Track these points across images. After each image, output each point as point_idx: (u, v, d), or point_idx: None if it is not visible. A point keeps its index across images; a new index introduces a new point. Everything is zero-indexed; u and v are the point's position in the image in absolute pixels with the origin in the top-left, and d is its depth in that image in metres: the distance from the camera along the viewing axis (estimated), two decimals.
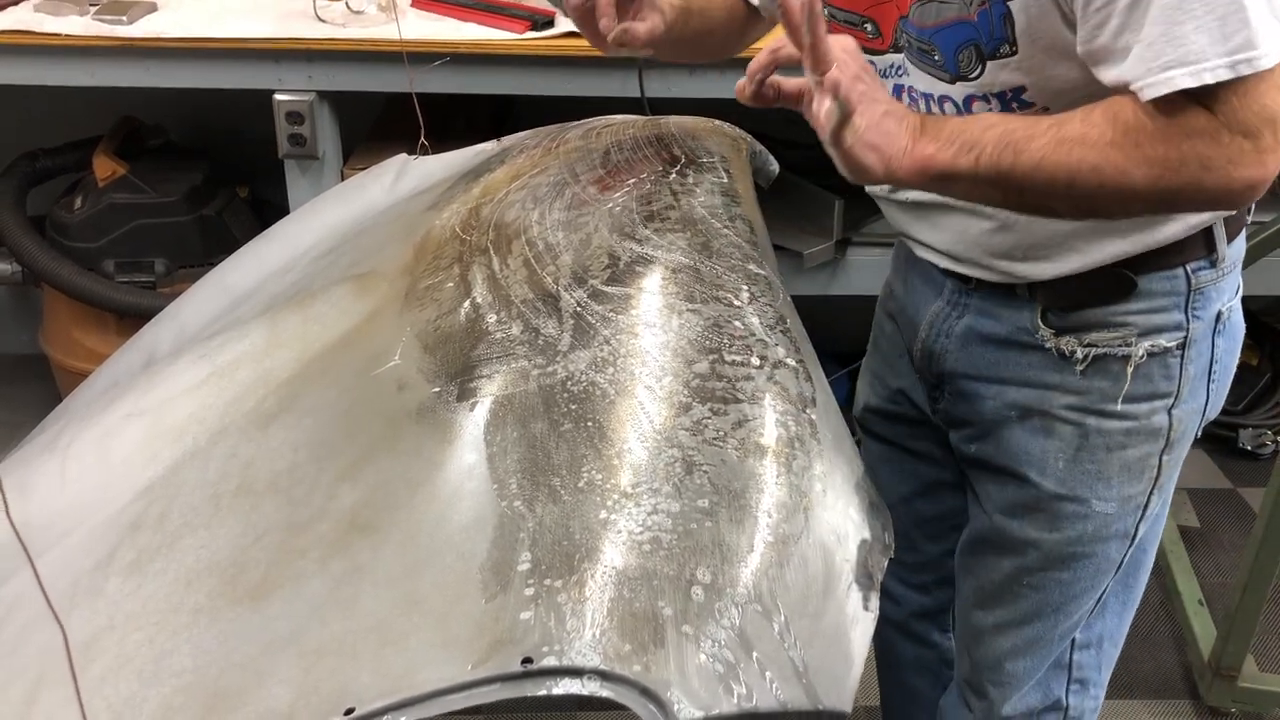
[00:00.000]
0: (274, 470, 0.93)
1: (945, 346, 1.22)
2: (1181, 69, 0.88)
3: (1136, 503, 1.18)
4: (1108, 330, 1.11)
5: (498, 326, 0.96)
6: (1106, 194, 0.94)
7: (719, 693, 0.69)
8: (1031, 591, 1.24)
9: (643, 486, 0.78)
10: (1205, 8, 0.87)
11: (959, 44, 1.02)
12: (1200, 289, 1.11)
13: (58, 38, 1.96)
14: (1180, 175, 0.91)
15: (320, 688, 0.72)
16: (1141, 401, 1.13)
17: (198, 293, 1.65)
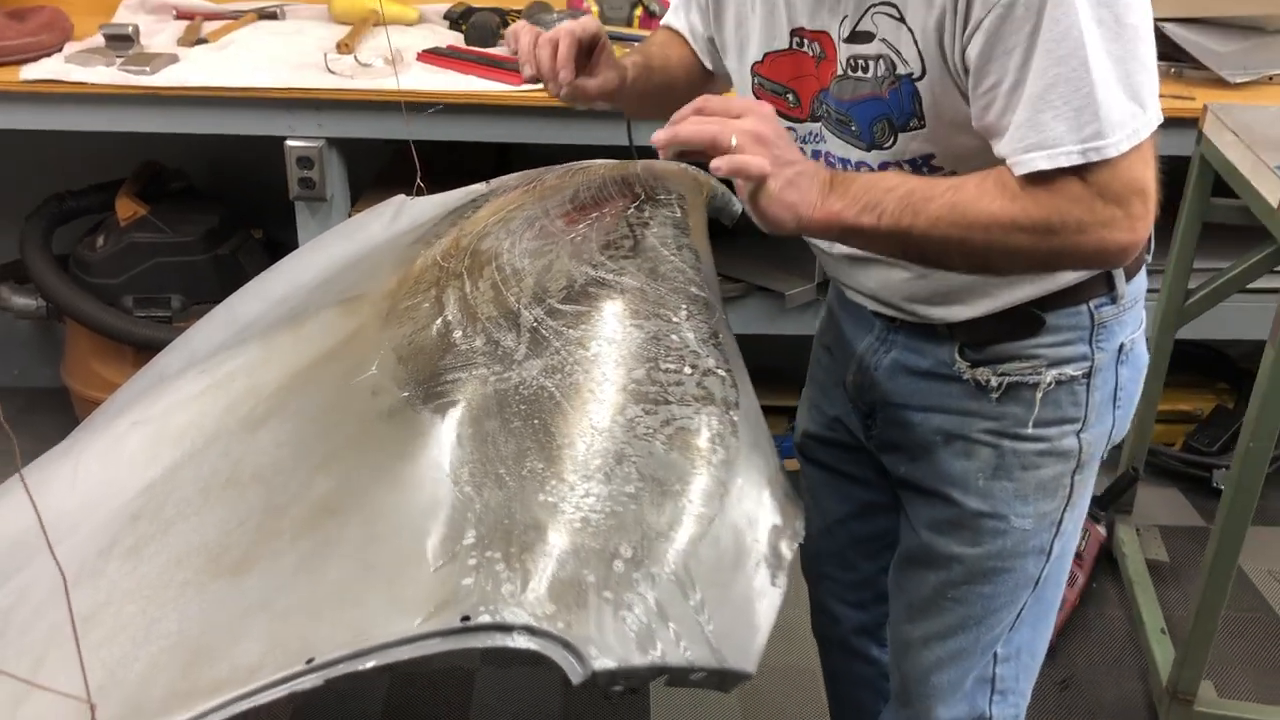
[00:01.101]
0: (259, 465, 1.04)
1: (875, 378, 1.31)
2: (1040, 152, 0.99)
3: (1051, 519, 1.26)
4: (1019, 361, 1.20)
5: (464, 340, 1.07)
6: (994, 253, 1.04)
7: (633, 649, 0.79)
8: (955, 605, 1.31)
9: (577, 474, 0.89)
10: (1063, 100, 0.97)
11: (873, 118, 1.11)
12: (1103, 323, 1.19)
13: (86, 86, 2.11)
14: (1059, 238, 1.02)
15: (287, 644, 0.82)
16: (1052, 425, 1.21)
17: (207, 323, 1.77)
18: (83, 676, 0.82)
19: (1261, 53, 2.34)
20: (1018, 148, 1.01)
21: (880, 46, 1.07)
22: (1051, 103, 0.98)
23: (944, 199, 1.03)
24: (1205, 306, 2.23)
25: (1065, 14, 0.96)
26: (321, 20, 2.57)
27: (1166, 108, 1.04)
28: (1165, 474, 2.72)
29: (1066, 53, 0.97)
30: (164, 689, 0.84)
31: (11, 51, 2.15)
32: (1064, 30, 0.96)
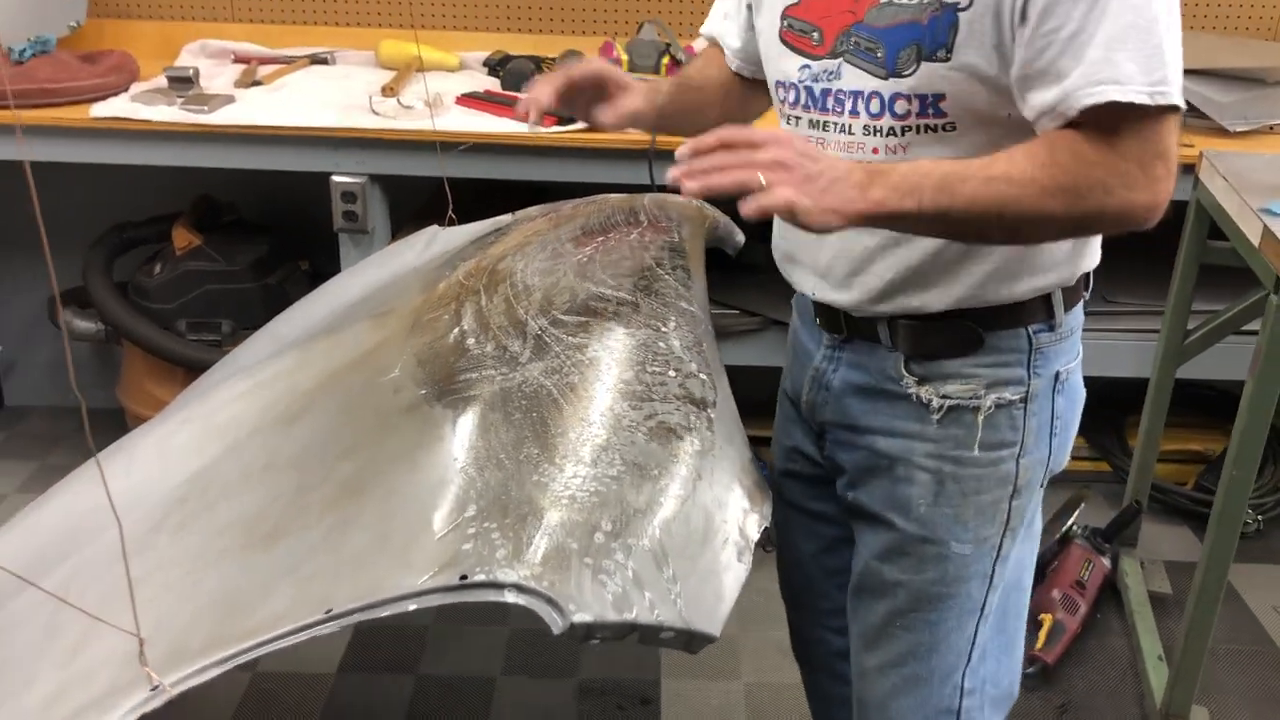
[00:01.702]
0: (293, 453, 1.17)
1: (825, 398, 1.34)
2: (1114, 85, 1.03)
3: (991, 544, 1.29)
4: (960, 382, 1.23)
5: (476, 346, 1.19)
6: (1029, 221, 1.09)
7: (608, 608, 0.90)
8: (904, 632, 1.33)
9: (567, 459, 1.01)
10: (1136, 46, 1.03)
11: (904, 43, 1.13)
12: (1040, 349, 1.24)
13: (150, 124, 2.28)
14: (1087, 201, 1.06)
15: (309, 598, 0.95)
16: (991, 449, 1.25)
17: (253, 341, 1.91)
18: (133, 615, 0.94)
19: (1262, 103, 2.43)
20: (1090, 80, 1.04)
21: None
22: (1126, 44, 1.03)
23: (978, 176, 1.08)
24: (1203, 346, 2.31)
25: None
26: (369, 66, 2.74)
27: None
28: (1177, 512, 2.78)
29: (1140, 4, 1.03)
30: (204, 636, 0.97)
31: (84, 91, 2.33)
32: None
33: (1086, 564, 2.43)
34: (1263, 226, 1.80)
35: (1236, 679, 2.29)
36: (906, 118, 1.16)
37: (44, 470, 2.90)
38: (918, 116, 1.16)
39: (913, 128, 1.17)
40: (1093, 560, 2.44)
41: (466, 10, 2.82)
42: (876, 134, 1.18)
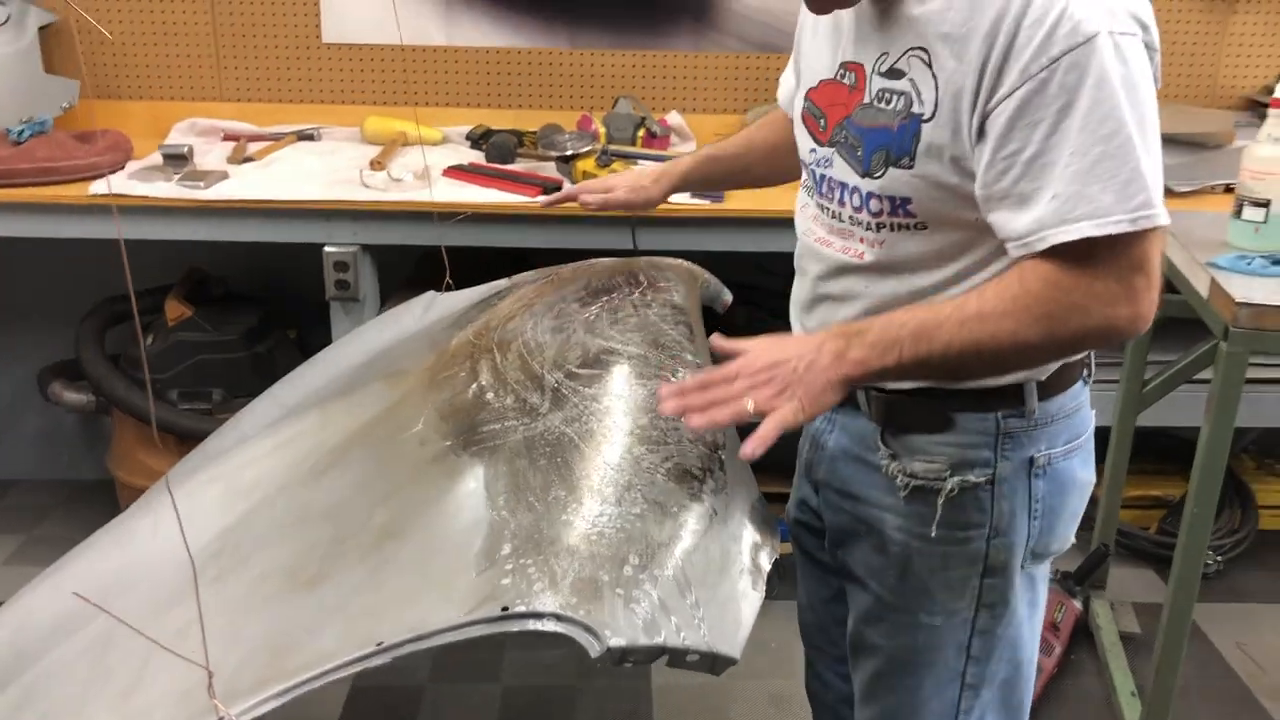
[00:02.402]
0: (326, 504, 1.24)
1: (820, 458, 1.39)
2: (1088, 221, 1.06)
3: (963, 618, 1.30)
4: (925, 460, 1.26)
5: (496, 400, 1.28)
6: (1009, 354, 1.13)
7: (640, 632, 0.98)
8: (887, 693, 1.37)
9: (593, 499, 1.09)
10: (1110, 174, 1.06)
11: (876, 146, 1.19)
12: (1009, 433, 1.25)
13: (149, 200, 2.35)
14: (1068, 325, 1.09)
15: (357, 635, 1.01)
16: (956, 529, 1.27)
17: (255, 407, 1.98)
18: (203, 646, 1.00)
19: (1204, 166, 2.59)
20: (1063, 217, 1.07)
21: (906, 85, 1.16)
22: (1099, 176, 1.06)
23: (952, 320, 1.12)
24: (1160, 394, 2.44)
25: (1108, 97, 1.06)
26: (354, 141, 2.84)
27: None
28: (1141, 555, 2.89)
29: (1110, 131, 1.06)
30: (254, 676, 1.03)
31: (82, 170, 2.41)
32: (1107, 111, 1.06)
33: (1059, 607, 2.52)
34: (1210, 279, 1.92)
35: (1207, 712, 2.38)
36: (880, 215, 1.22)
37: (31, 542, 2.92)
38: (889, 215, 1.22)
39: (887, 225, 1.22)
40: (1065, 603, 2.53)
41: (449, 87, 2.94)
42: (859, 225, 1.24)
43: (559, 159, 2.53)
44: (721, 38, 2.91)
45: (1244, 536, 2.92)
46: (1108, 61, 1.06)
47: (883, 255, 1.24)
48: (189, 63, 2.90)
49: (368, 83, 2.93)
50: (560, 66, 2.93)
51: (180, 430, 2.67)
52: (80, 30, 2.85)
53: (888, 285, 1.25)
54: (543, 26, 2.90)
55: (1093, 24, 1.06)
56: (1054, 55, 1.06)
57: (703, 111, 2.95)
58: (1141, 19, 1.11)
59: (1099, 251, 1.07)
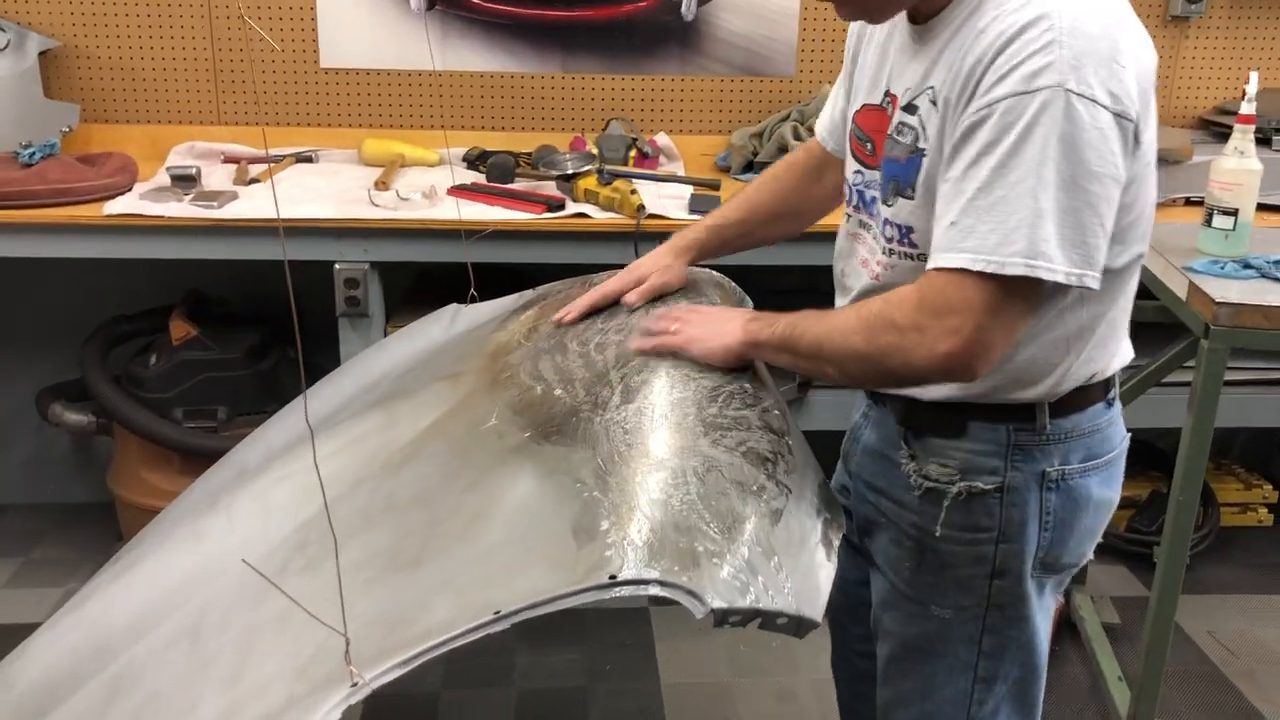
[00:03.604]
0: (413, 493, 1.31)
1: (854, 450, 1.50)
2: (967, 255, 1.13)
3: (974, 613, 1.37)
4: (939, 463, 1.34)
5: (567, 395, 1.36)
6: (841, 355, 1.24)
7: (737, 595, 1.07)
8: (902, 677, 1.46)
9: (679, 479, 1.18)
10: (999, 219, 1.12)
11: (890, 177, 1.29)
12: (1020, 446, 1.31)
13: (165, 220, 2.41)
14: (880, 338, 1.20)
15: (471, 605, 1.09)
16: (964, 531, 1.34)
17: (280, 420, 2.04)
18: (341, 609, 1.06)
19: (1166, 180, 2.75)
20: (954, 245, 1.15)
21: (916, 121, 1.24)
22: (993, 217, 1.12)
23: (822, 316, 1.28)
24: (1134, 395, 2.58)
25: (1031, 145, 1.10)
26: (352, 163, 2.91)
27: None
28: (1113, 553, 3.03)
29: (1018, 178, 1.11)
30: (374, 648, 1.10)
31: (95, 191, 2.45)
32: (1025, 158, 1.11)
33: None
34: (1188, 282, 2.07)
35: (1185, 696, 2.52)
36: (891, 241, 1.32)
37: (28, 566, 2.92)
38: (897, 243, 1.31)
39: (896, 252, 1.32)
40: None
41: (445, 110, 3.02)
42: (880, 250, 1.34)
43: (560, 178, 2.63)
44: (707, 62, 3.03)
45: (1208, 533, 3.08)
46: (1049, 115, 1.10)
47: (888, 278, 1.33)
48: (187, 87, 2.95)
49: (364, 106, 3.01)
50: (553, 90, 3.03)
51: (186, 448, 2.71)
52: (79, 55, 2.90)
53: None
54: (536, 52, 3.00)
55: (1050, 78, 1.11)
56: (999, 96, 1.13)
57: (690, 133, 3.06)
58: (1124, 93, 1.13)
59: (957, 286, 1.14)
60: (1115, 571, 2.98)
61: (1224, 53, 3.12)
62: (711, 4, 2.99)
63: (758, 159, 2.90)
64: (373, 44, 2.96)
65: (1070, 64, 1.11)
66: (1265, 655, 2.68)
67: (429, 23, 2.95)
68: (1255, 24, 3.11)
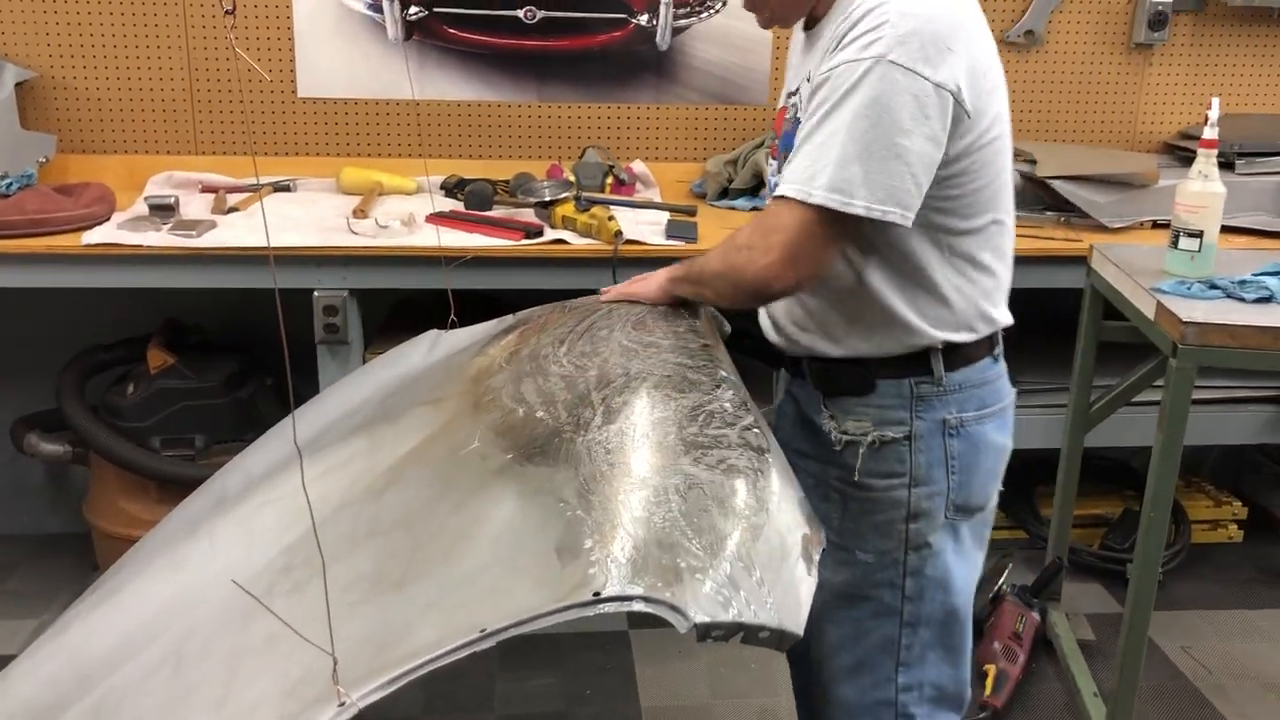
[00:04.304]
0: (396, 517, 1.32)
1: (781, 425, 1.67)
2: (789, 185, 1.39)
3: (893, 557, 1.55)
4: (855, 419, 1.54)
5: (549, 417, 1.38)
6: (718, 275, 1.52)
7: (719, 610, 1.08)
8: (833, 625, 1.60)
9: (661, 496, 1.20)
10: (812, 157, 1.38)
11: (783, 149, 1.52)
12: (922, 397, 1.52)
13: (143, 249, 2.41)
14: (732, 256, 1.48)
15: (458, 626, 1.10)
16: (879, 478, 1.54)
17: (261, 446, 2.04)
18: (329, 629, 1.07)
19: (1133, 203, 2.82)
20: (787, 179, 1.41)
21: (797, 98, 1.51)
22: (807, 156, 1.39)
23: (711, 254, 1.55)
24: (1105, 415, 2.63)
25: (849, 106, 1.36)
26: (330, 192, 2.92)
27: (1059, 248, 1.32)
28: (1087, 570, 3.07)
29: (832, 130, 1.37)
30: (362, 669, 1.10)
31: (73, 221, 2.46)
32: (839, 115, 1.37)
33: (1020, 618, 2.67)
34: (1156, 302, 2.11)
35: (1158, 710, 2.55)
36: None
37: (2, 598, 2.90)
38: None
39: None
40: (1024, 615, 2.69)
41: (422, 139, 3.05)
42: None
43: (538, 205, 2.65)
44: (682, 91, 3.07)
45: (1179, 550, 3.12)
46: (869, 79, 1.35)
47: None
48: (164, 117, 2.96)
49: (341, 135, 3.03)
50: (530, 119, 3.06)
51: (165, 476, 2.70)
52: (56, 86, 2.91)
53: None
54: (512, 81, 3.04)
55: (876, 49, 1.36)
56: (837, 63, 1.38)
57: (666, 160, 3.10)
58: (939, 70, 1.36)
59: (781, 211, 1.41)
60: (1090, 589, 3.02)
61: (1187, 79, 3.19)
62: (686, 34, 3.03)
63: (732, 185, 2.94)
64: (350, 74, 2.99)
65: (897, 39, 1.35)
66: (1237, 670, 2.71)
67: (407, 53, 2.98)
68: (1217, 51, 3.18)
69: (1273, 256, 2.38)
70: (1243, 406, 3.02)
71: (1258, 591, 3.07)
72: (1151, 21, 3.07)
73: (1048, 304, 2.61)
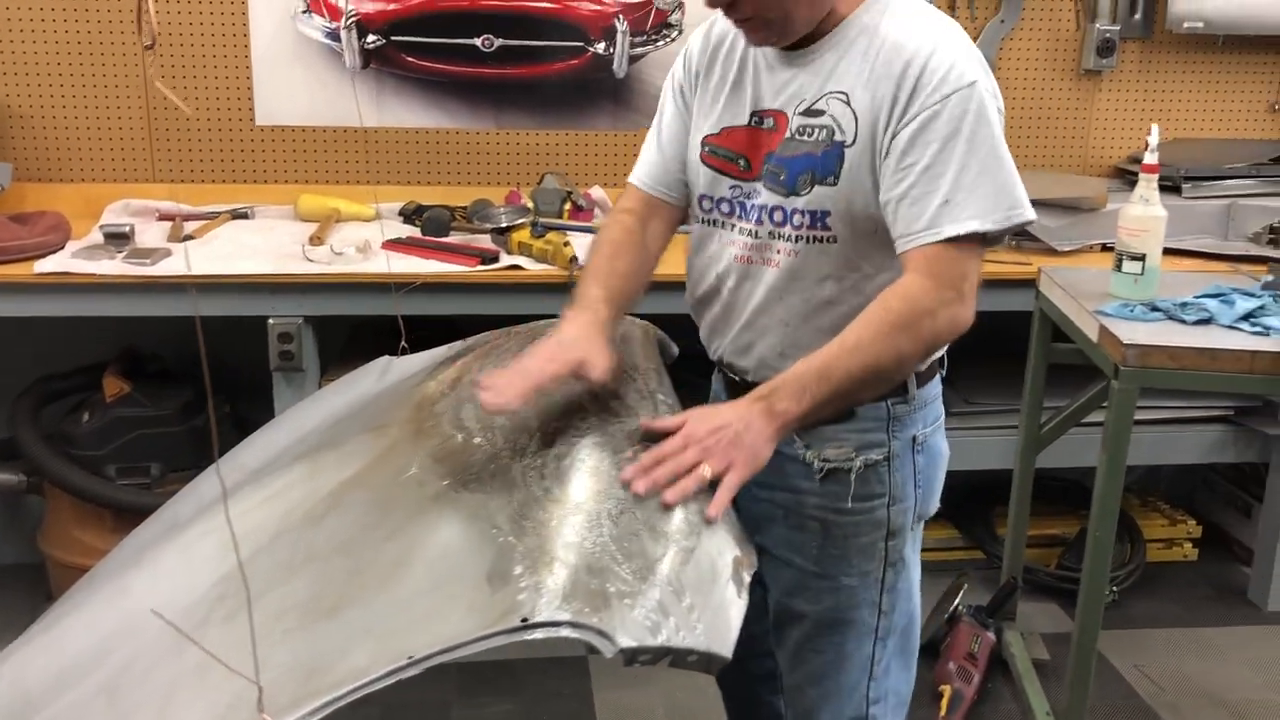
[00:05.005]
0: (334, 543, 1.33)
1: None
2: (976, 220, 1.37)
3: (874, 577, 1.56)
4: (835, 446, 1.52)
5: (487, 443, 1.39)
6: (890, 366, 1.40)
7: (646, 634, 1.10)
8: (815, 654, 1.60)
9: (593, 522, 1.21)
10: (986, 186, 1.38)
11: (801, 170, 1.46)
12: (897, 417, 1.53)
13: (96, 278, 2.41)
14: (922, 328, 1.38)
15: (388, 651, 1.11)
16: (864, 500, 1.54)
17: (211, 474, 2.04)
18: (254, 657, 1.08)
19: (1082, 227, 2.86)
20: (955, 217, 1.37)
21: (828, 120, 1.45)
22: (980, 186, 1.38)
23: (843, 351, 1.37)
24: (1055, 436, 2.66)
25: (985, 127, 1.38)
26: (288, 219, 2.93)
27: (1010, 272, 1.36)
28: (1044, 590, 3.09)
29: (987, 153, 1.38)
30: (290, 696, 1.11)
31: (27, 250, 2.46)
32: (984, 138, 1.38)
33: (975, 639, 2.69)
34: (1099, 325, 2.15)
35: None
36: (801, 228, 1.48)
37: None
38: (809, 228, 1.48)
39: (805, 237, 1.48)
40: (980, 635, 2.71)
41: (381, 166, 3.06)
42: (780, 239, 1.50)
43: (494, 231, 2.67)
44: (638, 117, 3.10)
45: (1135, 568, 3.15)
46: (985, 103, 1.39)
47: (797, 264, 1.49)
48: (122, 145, 2.97)
49: (300, 162, 3.04)
50: (488, 145, 3.08)
51: (120, 505, 2.69)
52: (12, 114, 2.91)
53: (794, 297, 1.50)
54: (469, 109, 3.06)
55: (973, 74, 1.40)
56: (945, 93, 1.38)
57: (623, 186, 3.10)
58: (997, 92, 1.44)
59: (956, 256, 1.37)
60: (1046, 609, 3.04)
61: (1136, 104, 3.25)
62: (643, 61, 3.07)
63: None
64: (309, 101, 3.00)
65: (978, 67, 1.41)
66: (1189, 688, 2.74)
67: (365, 80, 3.00)
68: (1164, 77, 3.24)
69: (1218, 279, 2.43)
70: (1193, 426, 3.07)
71: (1212, 609, 3.10)
72: (1100, 48, 3.13)
73: (1001, 326, 2.64)
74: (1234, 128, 3.30)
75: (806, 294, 1.49)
